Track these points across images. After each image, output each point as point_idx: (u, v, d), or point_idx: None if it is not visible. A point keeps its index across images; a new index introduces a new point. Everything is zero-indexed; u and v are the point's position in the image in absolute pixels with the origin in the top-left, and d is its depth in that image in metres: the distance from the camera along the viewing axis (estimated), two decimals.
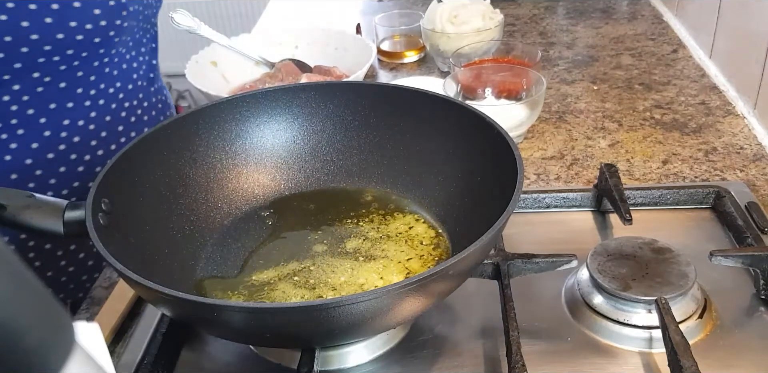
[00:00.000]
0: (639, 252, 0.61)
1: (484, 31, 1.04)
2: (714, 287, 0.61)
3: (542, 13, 1.31)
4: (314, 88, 0.70)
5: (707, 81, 1.00)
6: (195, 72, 0.97)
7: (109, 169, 0.56)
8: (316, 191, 0.72)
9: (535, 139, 0.89)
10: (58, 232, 0.55)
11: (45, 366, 0.24)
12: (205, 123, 0.67)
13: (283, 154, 0.71)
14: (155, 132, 0.63)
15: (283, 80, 0.99)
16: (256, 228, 0.68)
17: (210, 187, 0.68)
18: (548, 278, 0.63)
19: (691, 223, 0.71)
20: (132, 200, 0.60)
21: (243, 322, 0.47)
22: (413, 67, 1.15)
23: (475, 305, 0.62)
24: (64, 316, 0.25)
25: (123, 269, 0.46)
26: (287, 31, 1.09)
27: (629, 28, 1.20)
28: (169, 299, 0.45)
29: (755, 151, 0.83)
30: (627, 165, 0.82)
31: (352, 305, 0.44)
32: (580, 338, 0.58)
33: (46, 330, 0.24)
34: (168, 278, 0.56)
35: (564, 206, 0.74)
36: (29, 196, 0.55)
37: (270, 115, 0.70)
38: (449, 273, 0.47)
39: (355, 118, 0.70)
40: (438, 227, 0.66)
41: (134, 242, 0.57)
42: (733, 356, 0.55)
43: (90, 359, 0.26)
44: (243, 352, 0.60)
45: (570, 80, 1.04)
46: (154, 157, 0.63)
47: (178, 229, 0.64)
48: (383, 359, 0.58)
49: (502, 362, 0.56)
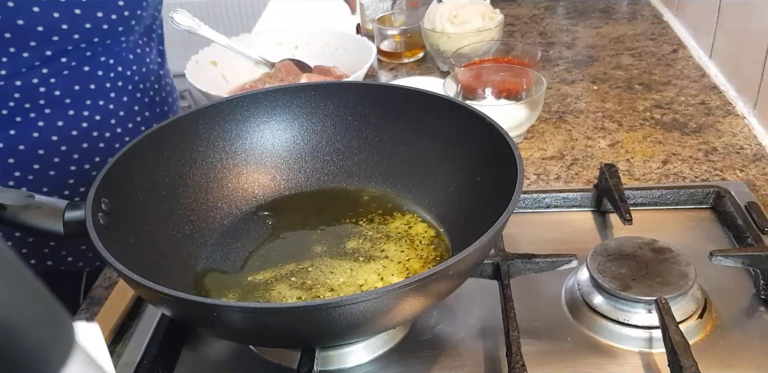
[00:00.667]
0: (639, 252, 0.61)
1: (484, 31, 1.04)
2: (714, 287, 0.61)
3: (542, 13, 1.31)
4: (314, 88, 0.70)
5: (707, 81, 1.00)
6: (195, 72, 0.97)
7: (109, 169, 0.56)
8: (316, 191, 0.72)
9: (535, 139, 0.89)
10: (58, 232, 0.55)
11: (45, 366, 0.24)
12: (205, 123, 0.67)
13: (283, 154, 0.71)
14: (155, 132, 0.63)
15: (283, 80, 0.99)
16: (255, 228, 0.68)
17: (210, 187, 0.68)
18: (548, 278, 0.63)
19: (691, 223, 0.71)
20: (132, 200, 0.60)
21: (243, 322, 0.47)
22: (413, 67, 1.15)
23: (475, 305, 0.62)
24: (64, 316, 0.25)
25: (123, 269, 0.46)
26: (287, 31, 1.09)
27: (629, 28, 1.20)
28: (169, 299, 0.45)
29: (755, 151, 0.83)
30: (627, 165, 0.82)
31: (352, 305, 0.44)
32: (580, 338, 0.58)
33: (46, 330, 0.24)
34: (168, 278, 0.56)
35: (564, 206, 0.74)
36: (29, 196, 0.55)
37: (270, 115, 0.70)
38: (449, 273, 0.47)
39: (355, 118, 0.70)
40: (438, 227, 0.66)
41: (134, 242, 0.57)
42: (733, 356, 0.55)
43: (90, 359, 0.26)
44: (243, 352, 0.60)
45: (570, 80, 1.04)
46: (154, 157, 0.63)
47: (178, 229, 0.64)
48: (383, 359, 0.58)
49: (502, 362, 0.56)
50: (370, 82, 0.86)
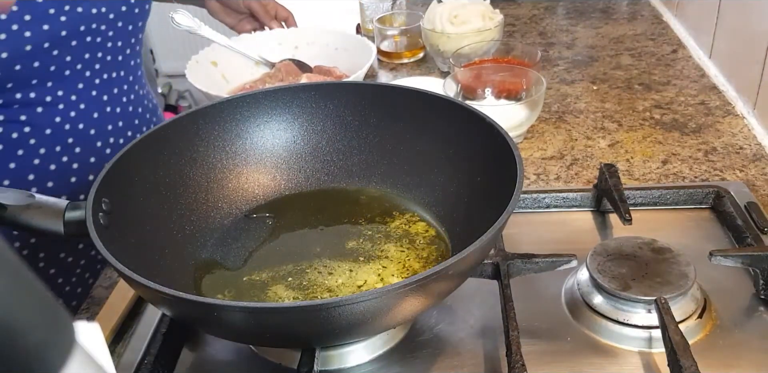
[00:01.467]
0: (639, 252, 0.61)
1: (484, 31, 1.04)
2: (714, 287, 0.61)
3: (542, 13, 1.31)
4: (314, 88, 0.70)
5: (707, 81, 1.00)
6: (195, 72, 0.97)
7: (110, 169, 0.57)
8: (316, 190, 0.72)
9: (535, 139, 0.89)
10: (59, 232, 0.55)
11: (45, 366, 0.24)
12: (205, 123, 0.67)
13: (283, 154, 0.71)
14: (155, 132, 0.63)
15: (283, 80, 0.99)
16: (255, 228, 0.68)
17: (210, 187, 0.68)
18: (548, 278, 0.63)
19: (691, 223, 0.71)
20: (132, 200, 0.60)
21: (243, 322, 0.47)
22: (413, 67, 1.15)
23: (475, 305, 0.62)
24: (64, 316, 0.25)
25: (124, 269, 0.47)
26: (287, 32, 1.09)
27: (629, 29, 1.20)
28: (170, 298, 0.45)
29: (755, 151, 0.83)
30: (627, 165, 0.82)
31: (351, 305, 0.44)
32: (579, 338, 0.58)
33: (46, 330, 0.24)
34: (168, 278, 0.56)
35: (564, 206, 0.74)
36: (29, 196, 0.55)
37: (270, 116, 0.70)
38: (449, 273, 0.47)
39: (355, 118, 0.70)
40: (438, 226, 0.66)
41: (134, 242, 0.57)
42: (732, 356, 0.55)
43: (90, 358, 0.26)
44: (243, 352, 0.60)
45: (570, 80, 1.04)
46: (154, 158, 0.63)
47: (178, 229, 0.64)
48: (383, 359, 0.58)
49: (502, 362, 0.56)
50: (370, 82, 0.86)
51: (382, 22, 1.18)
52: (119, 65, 0.84)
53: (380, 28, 1.16)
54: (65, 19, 0.73)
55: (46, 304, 0.25)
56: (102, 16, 0.78)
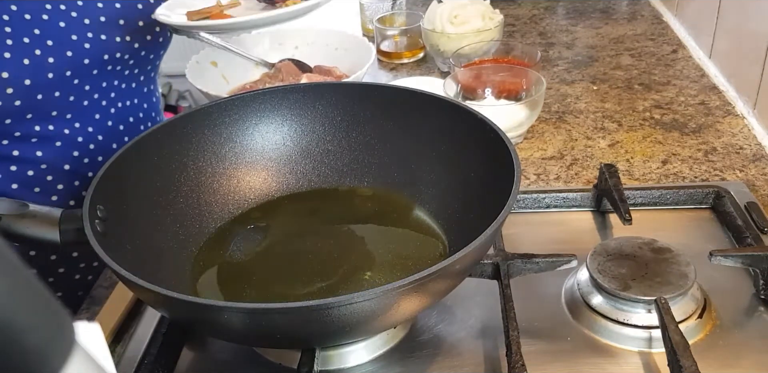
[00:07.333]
0: (639, 252, 0.61)
1: (484, 31, 1.04)
2: (714, 287, 0.61)
3: (542, 13, 1.31)
4: (302, 90, 0.70)
5: (707, 81, 1.00)
6: (195, 72, 0.97)
7: (102, 175, 0.56)
8: (307, 192, 0.71)
9: (534, 140, 0.89)
10: (55, 240, 0.54)
11: (45, 366, 0.24)
12: (195, 127, 0.67)
13: (274, 156, 0.71)
14: (145, 137, 0.62)
15: (283, 80, 0.99)
16: (249, 231, 0.67)
17: (202, 191, 0.67)
18: (548, 278, 0.63)
19: (691, 223, 0.71)
20: (126, 206, 0.59)
21: (242, 323, 0.47)
22: (413, 67, 1.15)
23: (475, 305, 0.62)
24: (64, 316, 0.25)
25: (126, 273, 0.46)
26: (288, 32, 1.09)
27: (629, 29, 1.20)
28: (170, 300, 0.45)
29: (755, 151, 0.83)
30: (627, 165, 0.82)
31: (351, 304, 0.44)
32: (579, 337, 0.58)
33: (46, 330, 0.24)
34: (165, 284, 0.56)
35: (564, 206, 0.74)
36: (23, 205, 0.54)
37: (259, 118, 0.70)
38: (448, 272, 0.47)
39: (344, 119, 0.70)
40: (436, 226, 0.66)
41: (130, 248, 0.56)
42: (732, 356, 0.55)
43: (90, 359, 0.26)
44: (243, 352, 0.60)
45: (570, 80, 1.04)
46: (145, 163, 0.63)
47: (172, 234, 0.63)
48: (383, 359, 0.58)
49: (502, 362, 0.56)
50: (358, 82, 0.86)
51: (382, 22, 1.18)
52: (133, 93, 0.82)
53: (380, 28, 1.16)
54: (89, 46, 0.71)
55: (46, 304, 0.25)
56: (127, 45, 0.76)
